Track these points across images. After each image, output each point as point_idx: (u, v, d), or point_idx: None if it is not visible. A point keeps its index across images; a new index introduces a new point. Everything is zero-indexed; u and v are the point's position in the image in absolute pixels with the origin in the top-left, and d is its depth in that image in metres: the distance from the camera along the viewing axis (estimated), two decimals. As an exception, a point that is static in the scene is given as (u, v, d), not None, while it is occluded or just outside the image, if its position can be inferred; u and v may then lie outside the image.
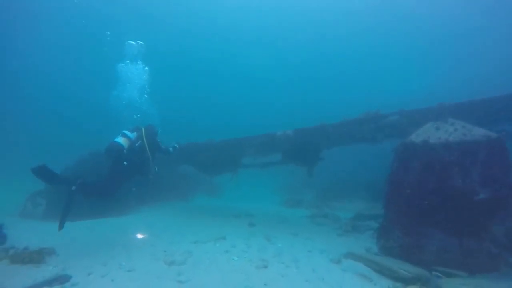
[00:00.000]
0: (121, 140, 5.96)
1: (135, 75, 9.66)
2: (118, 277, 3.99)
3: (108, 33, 20.77)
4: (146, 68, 9.98)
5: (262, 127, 8.79)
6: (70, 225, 7.11)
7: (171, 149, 7.15)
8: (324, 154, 8.27)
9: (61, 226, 5.01)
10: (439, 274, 4.28)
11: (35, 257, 4.46)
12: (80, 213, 7.85)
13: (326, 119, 7.33)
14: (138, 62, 9.90)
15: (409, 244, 4.92)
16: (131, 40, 9.84)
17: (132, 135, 6.18)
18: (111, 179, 5.97)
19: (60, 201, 8.55)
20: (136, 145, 6.13)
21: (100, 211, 8.10)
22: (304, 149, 7.36)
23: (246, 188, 17.00)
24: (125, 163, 5.87)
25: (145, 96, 9.24)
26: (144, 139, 6.23)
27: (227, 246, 5.46)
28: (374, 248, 5.56)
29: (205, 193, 14.45)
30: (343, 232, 7.09)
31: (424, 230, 4.85)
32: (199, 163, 9.29)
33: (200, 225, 7.19)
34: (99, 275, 4.04)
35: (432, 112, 6.16)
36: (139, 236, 6.34)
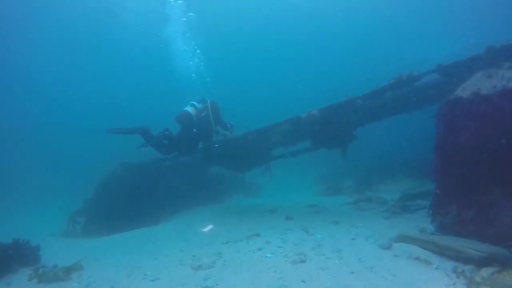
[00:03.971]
0: (190, 109, 6.80)
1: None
2: (140, 288, 3.65)
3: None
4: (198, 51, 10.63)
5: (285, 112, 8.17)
6: (103, 239, 7.08)
7: (228, 125, 7.69)
8: (358, 132, 7.50)
9: (109, 131, 6.32)
10: (521, 251, 3.44)
11: (61, 275, 4.29)
12: (113, 226, 7.85)
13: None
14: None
15: (473, 218, 4.08)
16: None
17: (199, 105, 6.99)
18: (180, 141, 6.85)
19: (97, 218, 8.77)
20: (202, 114, 6.92)
21: (133, 222, 8.01)
22: (334, 129, 6.64)
23: (283, 183, 16.45)
24: (194, 129, 6.73)
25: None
26: (210, 110, 6.97)
27: (261, 243, 4.94)
28: (430, 227, 4.75)
29: (241, 194, 14.06)
30: (391, 214, 6.30)
31: (492, 199, 3.99)
32: (227, 162, 8.89)
33: (233, 225, 6.75)
34: (121, 287, 3.73)
35: (479, 61, 5.19)
36: (205, 229, 6.55)
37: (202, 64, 10.22)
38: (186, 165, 10.06)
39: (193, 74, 10.09)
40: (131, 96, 38.13)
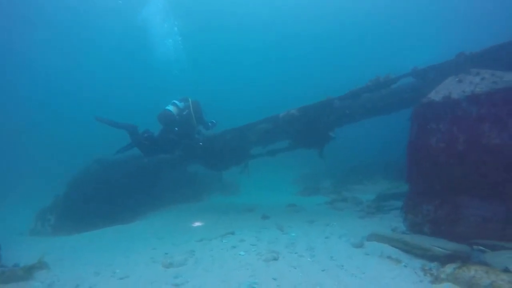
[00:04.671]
0: (171, 108, 6.85)
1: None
2: (107, 287, 3.52)
3: None
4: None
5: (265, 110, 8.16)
6: (74, 237, 6.83)
7: (210, 123, 7.65)
8: (338, 133, 7.60)
9: (99, 120, 6.65)
10: (482, 248, 3.58)
11: (21, 274, 4.06)
12: (87, 223, 7.59)
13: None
14: None
15: (442, 217, 4.21)
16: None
17: (181, 104, 7.03)
18: (162, 143, 6.90)
19: (69, 215, 8.44)
20: (184, 113, 6.96)
21: (108, 220, 7.78)
22: (312, 129, 6.70)
23: (263, 183, 16.49)
24: (176, 128, 6.81)
25: None
26: (191, 109, 7.00)
27: (235, 241, 4.91)
28: (402, 227, 4.87)
29: (220, 193, 13.96)
30: (365, 214, 6.42)
31: (458, 199, 4.13)
32: (205, 160, 8.81)
33: (209, 223, 6.68)
34: (88, 286, 3.60)
35: (450, 66, 5.38)
36: (196, 224, 6.63)
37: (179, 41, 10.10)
38: (164, 163, 9.88)
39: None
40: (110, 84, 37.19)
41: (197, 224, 6.67)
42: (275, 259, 3.90)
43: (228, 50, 35.44)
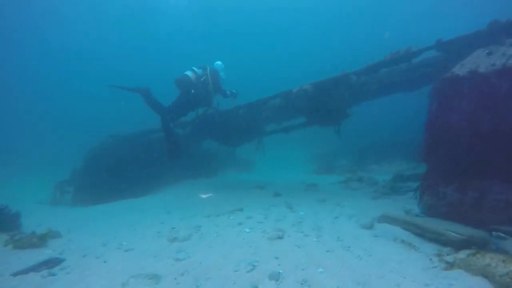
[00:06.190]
0: (189, 73, 7.03)
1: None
2: (112, 257, 3.57)
3: None
4: None
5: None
6: (89, 209, 7.04)
7: (228, 92, 7.67)
8: (354, 111, 7.27)
9: (112, 86, 6.85)
10: (502, 235, 3.33)
11: (36, 241, 4.23)
12: (102, 197, 7.80)
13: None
14: None
15: (461, 201, 3.95)
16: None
17: (199, 71, 7.18)
18: (177, 106, 7.09)
19: (85, 188, 8.70)
20: (202, 79, 7.09)
21: (122, 193, 7.95)
22: (327, 105, 6.40)
23: (278, 161, 16.40)
24: (192, 91, 6.90)
25: None
26: (209, 76, 7.12)
27: (242, 218, 4.86)
28: (415, 209, 4.65)
29: (234, 170, 13.99)
30: (379, 195, 6.20)
31: (481, 183, 3.84)
32: (218, 135, 8.73)
33: (219, 199, 6.67)
34: (94, 256, 3.66)
35: (481, 37, 4.88)
36: (203, 196, 6.79)
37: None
38: (179, 138, 9.90)
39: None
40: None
41: (206, 197, 6.69)
42: (280, 237, 3.82)
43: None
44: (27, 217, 6.00)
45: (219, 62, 7.57)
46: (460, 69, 4.16)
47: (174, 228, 4.62)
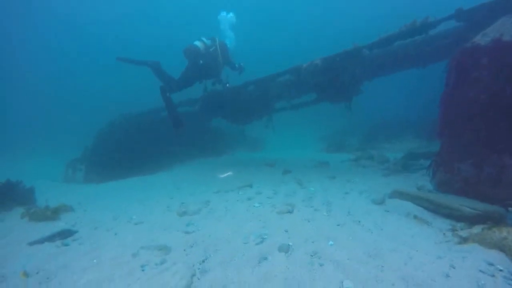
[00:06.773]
0: (198, 43, 6.95)
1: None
2: (123, 230, 3.62)
3: None
4: None
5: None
6: (101, 185, 7.15)
7: (237, 65, 7.59)
8: (366, 88, 7.05)
9: (120, 59, 6.82)
10: (519, 210, 3.23)
11: (50, 214, 4.33)
12: (113, 174, 7.91)
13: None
14: None
15: (478, 177, 3.83)
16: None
17: (208, 41, 7.09)
18: (185, 76, 6.99)
19: (97, 166, 8.83)
20: (211, 50, 6.99)
21: (133, 171, 8.05)
22: (338, 81, 6.21)
23: (288, 139, 16.32)
24: (200, 61, 6.80)
25: None
26: (218, 47, 7.02)
27: (251, 194, 4.86)
28: (428, 185, 4.55)
29: (245, 148, 13.98)
30: (390, 172, 6.09)
31: (501, 158, 3.70)
32: (227, 112, 8.64)
33: (229, 176, 6.68)
34: (105, 229, 3.72)
35: (507, 5, 4.57)
36: (222, 175, 6.76)
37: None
38: (188, 116, 9.87)
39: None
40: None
41: (225, 176, 6.69)
42: (290, 212, 3.80)
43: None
44: (41, 193, 6.13)
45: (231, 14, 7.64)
46: (482, 38, 3.93)
47: (183, 203, 4.66)
